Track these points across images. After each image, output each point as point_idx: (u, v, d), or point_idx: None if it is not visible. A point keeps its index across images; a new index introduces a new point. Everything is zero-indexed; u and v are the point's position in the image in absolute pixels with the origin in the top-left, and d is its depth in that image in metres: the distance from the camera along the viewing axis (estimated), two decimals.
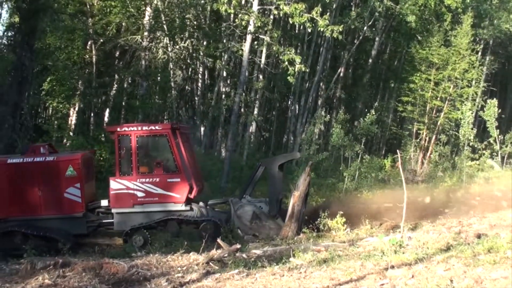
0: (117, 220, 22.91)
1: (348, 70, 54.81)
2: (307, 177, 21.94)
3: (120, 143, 22.95)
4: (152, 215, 22.68)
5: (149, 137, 23.44)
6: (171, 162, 22.92)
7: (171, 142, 22.70)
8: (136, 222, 22.57)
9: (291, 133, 49.62)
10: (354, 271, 13.22)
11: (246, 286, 12.82)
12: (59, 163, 23.05)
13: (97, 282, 13.51)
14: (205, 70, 48.26)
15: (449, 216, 22.64)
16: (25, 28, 33.42)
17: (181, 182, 22.71)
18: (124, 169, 22.94)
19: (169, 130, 22.81)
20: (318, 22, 34.01)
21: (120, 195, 22.67)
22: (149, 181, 22.66)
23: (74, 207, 22.87)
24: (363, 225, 21.76)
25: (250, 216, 22.45)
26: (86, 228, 23.28)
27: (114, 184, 22.69)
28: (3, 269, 16.97)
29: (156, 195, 22.70)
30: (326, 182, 35.45)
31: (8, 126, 31.84)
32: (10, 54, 41.51)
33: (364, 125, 36.18)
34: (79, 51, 42.44)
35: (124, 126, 23.52)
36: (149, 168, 22.94)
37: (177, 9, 42.24)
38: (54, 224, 22.82)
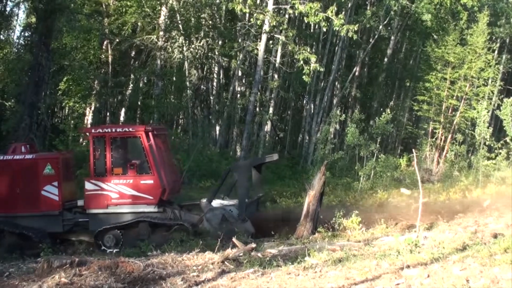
0: (91, 220, 23.11)
1: (364, 69, 54.69)
2: (322, 177, 21.90)
3: (94, 145, 23.09)
4: (125, 216, 22.84)
5: (123, 139, 23.55)
6: (144, 164, 23.01)
7: (144, 144, 22.81)
8: (110, 222, 22.74)
9: (306, 133, 49.55)
10: (370, 270, 13.19)
11: (261, 285, 12.82)
12: (38, 161, 23.39)
13: (113, 281, 13.54)
14: (220, 70, 48.28)
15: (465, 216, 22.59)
16: (42, 28, 33.59)
17: (154, 184, 22.81)
18: (98, 170, 23.07)
19: (142, 132, 22.93)
20: (333, 21, 34.04)
21: (94, 196, 22.86)
22: (122, 183, 22.81)
23: (51, 205, 23.15)
24: (378, 224, 21.74)
25: (219, 219, 22.52)
26: (62, 227, 23.47)
27: (89, 185, 22.89)
28: (20, 267, 17.02)
29: (129, 197, 22.87)
30: (341, 181, 35.41)
31: (25, 125, 32.02)
32: (27, 54, 41.72)
33: (379, 124, 36.08)
34: (95, 51, 42.70)
35: (98, 128, 23.74)
36: (122, 169, 23.01)
37: (192, 9, 42.35)
38: (31, 221, 23.11)
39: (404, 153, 45.12)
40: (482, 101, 43.92)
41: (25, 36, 52.33)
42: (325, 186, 23.35)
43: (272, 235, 21.25)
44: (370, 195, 31.64)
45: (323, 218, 22.33)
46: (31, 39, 44.56)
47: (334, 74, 48.83)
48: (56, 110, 51.97)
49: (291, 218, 23.16)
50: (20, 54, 47.43)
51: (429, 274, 12.46)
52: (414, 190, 30.49)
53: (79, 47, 43.03)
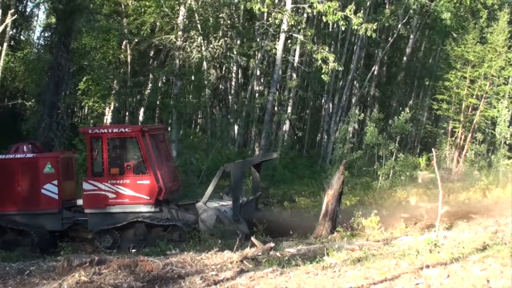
0: (90, 220, 23.32)
1: (382, 68, 54.59)
2: (341, 176, 21.86)
3: (92, 145, 23.25)
4: (123, 216, 22.93)
5: (120, 139, 23.70)
6: (141, 164, 23.18)
7: (141, 145, 23.00)
8: (108, 222, 22.84)
9: (324, 132, 49.50)
10: (389, 270, 13.16)
11: (279, 285, 12.81)
12: (38, 160, 23.79)
13: (132, 280, 13.59)
14: (238, 69, 48.31)
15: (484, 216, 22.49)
16: (62, 28, 33.77)
17: (150, 184, 22.99)
18: (95, 171, 23.26)
19: (139, 132, 23.08)
20: (351, 20, 33.96)
21: (92, 196, 23.04)
22: (119, 183, 22.99)
23: (50, 203, 23.53)
24: (397, 224, 21.69)
25: (214, 220, 22.56)
26: (61, 225, 23.84)
27: (87, 185, 23.10)
28: (40, 266, 17.11)
29: (126, 197, 23.05)
30: (360, 180, 35.35)
31: (45, 125, 32.19)
32: (47, 55, 42.00)
33: (398, 124, 36.02)
34: (114, 51, 42.86)
35: (95, 129, 23.90)
36: (119, 170, 23.14)
37: (210, 9, 42.36)
38: (31, 219, 23.53)
39: (423, 153, 44.94)
40: (503, 100, 43.72)
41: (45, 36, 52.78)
42: (344, 186, 23.29)
43: (291, 234, 21.24)
44: (389, 195, 31.57)
45: (342, 217, 22.32)
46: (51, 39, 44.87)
47: (353, 73, 48.74)
48: (75, 109, 52.22)
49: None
50: (40, 54, 47.75)
51: (449, 274, 12.41)
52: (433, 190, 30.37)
53: (98, 47, 43.18)
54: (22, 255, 20.90)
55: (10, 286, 14.68)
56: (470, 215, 23.06)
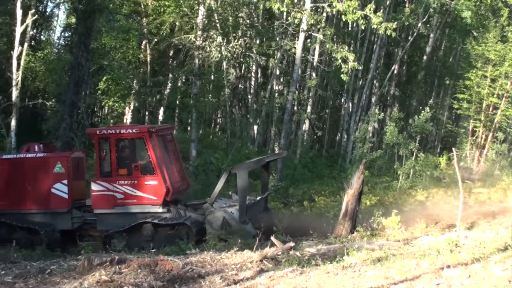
0: (99, 220, 23.44)
1: (402, 67, 54.41)
2: (361, 175, 21.82)
3: (100, 146, 23.33)
4: (131, 217, 23.01)
5: (127, 140, 23.78)
6: (149, 164, 23.19)
7: (148, 145, 23.03)
8: (116, 222, 22.93)
9: (344, 131, 49.44)
10: (409, 270, 13.12)
11: (299, 284, 12.80)
12: (49, 159, 23.93)
13: (152, 279, 13.61)
14: (258, 69, 48.32)
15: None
16: (82, 28, 33.90)
17: (158, 185, 22.99)
18: (103, 171, 23.30)
19: (146, 133, 23.09)
20: (371, 19, 33.87)
21: (101, 196, 23.12)
22: (127, 183, 23.02)
23: (60, 202, 23.63)
24: (418, 223, 21.62)
25: (220, 222, 22.53)
26: (71, 224, 23.94)
27: (95, 186, 23.16)
28: (61, 265, 17.20)
29: (134, 197, 23.10)
30: (380, 180, 35.29)
31: (65, 125, 32.33)
32: (67, 54, 42.21)
33: (418, 123, 35.89)
34: (134, 51, 43.01)
35: (103, 129, 23.87)
36: (127, 170, 23.20)
37: (230, 8, 42.40)
38: (41, 218, 23.72)
39: (444, 152, 44.74)
40: None
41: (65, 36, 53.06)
42: (364, 185, 23.25)
43: (311, 234, 21.22)
44: (410, 194, 31.53)
45: (361, 217, 22.30)
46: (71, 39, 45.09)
47: (373, 72, 48.63)
48: (95, 109, 52.42)
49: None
50: (60, 54, 48.01)
51: (470, 274, 12.36)
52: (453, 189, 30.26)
53: (118, 47, 43.34)
54: (43, 254, 21.01)
55: (31, 285, 14.74)
56: (491, 215, 22.97)
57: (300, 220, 25.02)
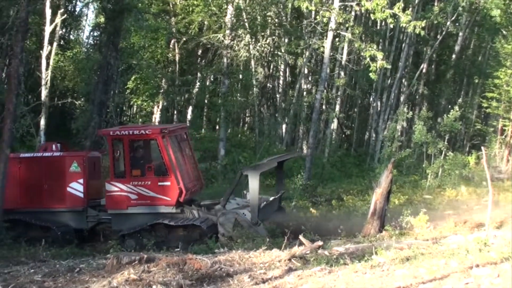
0: (113, 220, 23.55)
1: (431, 66, 54.21)
2: (389, 174, 21.74)
3: (113, 147, 23.38)
4: (145, 217, 23.04)
5: (140, 141, 23.78)
6: (162, 165, 23.20)
7: (161, 147, 23.00)
8: (131, 223, 22.99)
9: (373, 130, 49.34)
10: (438, 269, 13.06)
11: (328, 283, 12.78)
12: (65, 159, 24.09)
13: (180, 278, 13.64)
14: (286, 68, 48.36)
15: None
16: (110, 28, 34.02)
17: (171, 186, 22.98)
18: (117, 172, 23.36)
19: (159, 134, 23.05)
20: (400, 18, 33.75)
21: (115, 197, 23.19)
22: (141, 184, 23.04)
23: (75, 201, 23.83)
24: (446, 223, 21.53)
25: (232, 223, 22.49)
26: (86, 223, 24.15)
27: (109, 186, 23.21)
28: (90, 263, 17.28)
29: (148, 198, 23.12)
30: (408, 179, 35.17)
31: (94, 124, 32.47)
32: (96, 54, 42.36)
33: (447, 122, 35.69)
34: (162, 50, 43.17)
35: (116, 131, 23.85)
36: (141, 171, 23.21)
37: (258, 7, 42.44)
38: (57, 216, 23.90)
39: (472, 151, 44.51)
40: None
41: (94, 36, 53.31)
42: (392, 184, 23.17)
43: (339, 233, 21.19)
44: (438, 193, 31.35)
45: (390, 216, 22.22)
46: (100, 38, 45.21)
47: (401, 71, 48.49)
48: (124, 108, 52.67)
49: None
50: (89, 53, 48.25)
51: (499, 273, 12.28)
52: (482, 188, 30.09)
53: (147, 46, 43.52)
54: (72, 253, 21.15)
55: (60, 283, 14.82)
56: None
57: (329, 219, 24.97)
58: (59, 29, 41.00)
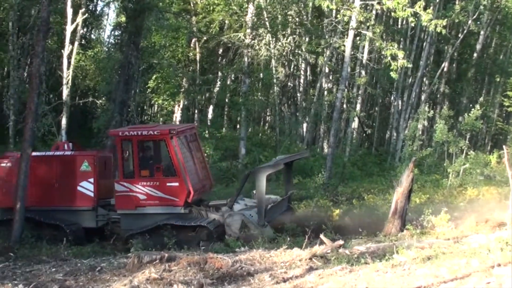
0: (123, 220, 23.52)
1: (452, 64, 54.01)
2: (410, 173, 21.69)
3: (122, 147, 23.37)
4: (153, 217, 23.01)
5: (149, 141, 23.79)
6: (170, 166, 23.17)
7: (169, 147, 22.94)
8: (140, 223, 22.97)
9: (394, 129, 49.23)
10: (459, 269, 13.02)
11: (349, 283, 12.77)
12: (76, 158, 24.11)
13: (201, 277, 13.69)
14: (307, 67, 48.33)
15: None
16: (131, 27, 34.11)
17: (179, 186, 22.92)
18: (126, 172, 23.39)
19: (167, 135, 22.98)
20: (421, 17, 33.63)
21: (124, 197, 23.14)
22: (149, 184, 23.01)
23: (85, 200, 23.82)
24: (468, 222, 21.44)
25: (239, 225, 22.44)
26: (96, 222, 24.10)
27: (118, 187, 23.20)
28: (111, 262, 17.37)
29: (156, 198, 23.08)
30: (429, 178, 35.03)
31: (115, 123, 32.55)
32: (117, 53, 42.45)
33: (468, 121, 35.53)
34: (183, 49, 43.27)
35: (125, 131, 23.84)
36: (149, 171, 23.21)
37: (279, 6, 42.46)
38: (67, 215, 23.88)
39: (494, 150, 44.28)
40: None
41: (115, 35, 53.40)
42: (413, 183, 23.10)
43: (360, 232, 21.16)
44: (460, 192, 31.21)
45: (411, 215, 22.17)
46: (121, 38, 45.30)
47: (422, 70, 48.35)
48: (145, 107, 52.84)
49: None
50: (110, 53, 48.39)
51: None
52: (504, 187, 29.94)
53: (168, 45, 43.64)
54: (93, 252, 21.24)
55: (82, 282, 14.92)
56: None
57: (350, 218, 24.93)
58: (80, 28, 41.19)
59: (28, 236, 22.30)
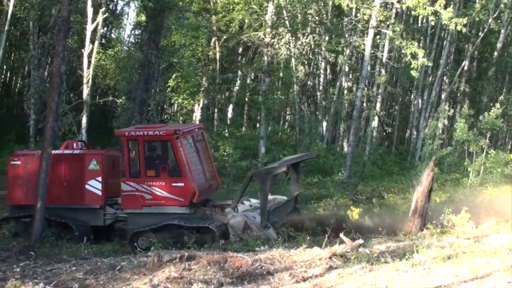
0: (129, 219, 23.59)
1: (473, 63, 53.75)
2: (431, 172, 21.66)
3: (129, 147, 23.41)
4: (159, 217, 23.03)
5: (155, 141, 23.86)
6: (175, 166, 23.20)
7: (175, 148, 22.94)
8: (146, 222, 22.97)
9: (414, 128, 49.09)
10: (480, 268, 12.99)
11: (369, 282, 12.77)
12: (84, 156, 24.20)
13: (221, 276, 13.72)
14: (327, 65, 48.28)
15: None
16: (151, 26, 34.22)
17: (184, 187, 22.92)
18: (133, 172, 23.43)
19: (173, 136, 22.96)
20: (441, 15, 33.52)
21: (130, 196, 23.17)
22: (155, 184, 23.03)
23: (93, 199, 23.88)
24: (488, 221, 21.38)
25: (242, 226, 22.41)
26: (103, 221, 24.22)
27: (125, 186, 23.22)
28: (131, 261, 17.45)
29: (162, 198, 23.08)
30: (449, 177, 34.91)
31: (135, 122, 32.63)
32: (137, 52, 42.63)
33: (489, 119, 35.36)
34: (203, 48, 43.32)
35: (131, 131, 23.87)
36: (155, 172, 23.25)
37: (299, 5, 42.45)
38: (75, 213, 23.94)
39: None
40: None
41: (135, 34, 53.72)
42: (434, 182, 23.05)
43: (380, 231, 21.13)
44: (480, 192, 31.08)
45: (431, 214, 22.12)
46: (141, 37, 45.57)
47: (442, 68, 48.17)
48: (165, 106, 52.99)
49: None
50: (130, 52, 48.57)
51: None
52: None
53: (188, 44, 43.70)
54: (113, 250, 21.34)
55: (102, 281, 14.98)
56: None
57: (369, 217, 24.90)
58: (100, 27, 41.38)
59: (48, 235, 22.42)
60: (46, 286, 14.31)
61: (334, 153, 43.45)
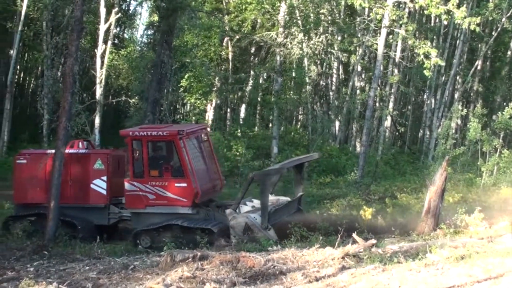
0: (133, 219, 23.74)
1: (486, 62, 53.58)
2: (444, 172, 21.61)
3: (133, 147, 23.49)
4: (162, 217, 23.13)
5: (158, 142, 23.95)
6: (179, 167, 23.23)
7: (178, 148, 23.01)
8: (150, 221, 23.10)
9: (427, 128, 48.97)
10: (493, 268, 12.97)
11: (381, 282, 12.76)
12: (90, 156, 24.43)
13: (234, 275, 13.73)
14: (339, 65, 48.26)
15: None
16: (164, 26, 34.26)
17: (187, 187, 23.00)
18: (137, 172, 23.48)
19: (176, 136, 23.03)
20: (454, 14, 33.43)
21: (134, 196, 23.30)
22: (158, 185, 23.15)
23: (98, 198, 24.06)
24: (502, 221, 21.31)
25: (243, 227, 22.40)
26: (108, 220, 24.37)
27: (128, 186, 23.33)
28: (144, 261, 17.48)
29: (165, 198, 23.19)
30: (463, 177, 34.81)
31: (148, 121, 32.68)
32: (150, 52, 42.71)
33: (502, 119, 35.26)
34: (215, 48, 43.40)
35: (135, 131, 23.91)
36: (159, 172, 23.33)
37: (311, 5, 42.43)
38: (79, 212, 24.08)
39: None
40: None
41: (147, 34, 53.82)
42: (447, 182, 22.99)
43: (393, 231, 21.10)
44: (493, 191, 30.99)
45: (444, 214, 22.07)
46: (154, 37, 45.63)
47: (455, 68, 48.04)
48: (178, 106, 53.08)
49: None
50: (143, 52, 48.66)
51: None
52: None
53: (200, 44, 43.79)
54: (126, 250, 21.41)
55: (115, 280, 15.02)
56: None
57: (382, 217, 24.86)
58: (113, 28, 41.54)
59: (62, 235, 22.50)
60: (60, 286, 14.36)
61: (347, 153, 43.41)
